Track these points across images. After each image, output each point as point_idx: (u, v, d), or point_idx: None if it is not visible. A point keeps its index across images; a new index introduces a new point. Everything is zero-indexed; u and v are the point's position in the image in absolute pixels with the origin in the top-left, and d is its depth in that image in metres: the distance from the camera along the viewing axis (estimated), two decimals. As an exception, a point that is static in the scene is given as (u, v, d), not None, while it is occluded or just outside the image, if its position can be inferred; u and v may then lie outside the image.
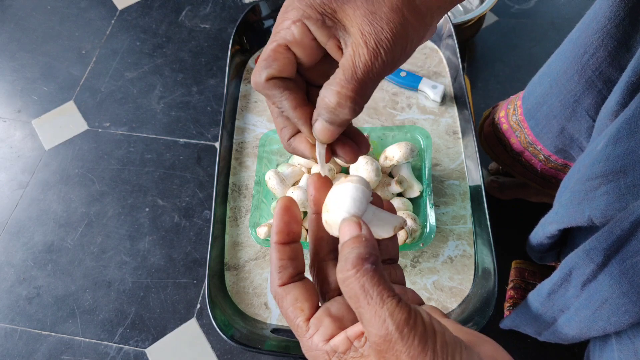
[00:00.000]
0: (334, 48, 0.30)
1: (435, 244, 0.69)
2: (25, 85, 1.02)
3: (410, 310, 0.24)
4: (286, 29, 0.30)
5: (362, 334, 0.28)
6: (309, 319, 0.30)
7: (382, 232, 0.32)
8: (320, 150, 0.33)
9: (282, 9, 0.30)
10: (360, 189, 0.30)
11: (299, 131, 0.33)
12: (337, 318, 0.30)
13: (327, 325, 0.29)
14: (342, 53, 0.30)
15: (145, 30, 1.07)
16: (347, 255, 0.26)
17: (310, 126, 0.31)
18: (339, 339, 0.28)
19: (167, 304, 0.76)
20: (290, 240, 0.31)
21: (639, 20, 0.45)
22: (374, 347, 0.26)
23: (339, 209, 0.30)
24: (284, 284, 0.31)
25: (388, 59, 0.29)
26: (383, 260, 0.34)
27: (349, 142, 0.33)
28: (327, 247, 0.34)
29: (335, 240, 0.34)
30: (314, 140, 0.32)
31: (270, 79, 0.30)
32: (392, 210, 0.35)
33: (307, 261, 0.34)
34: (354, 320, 0.30)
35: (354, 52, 0.28)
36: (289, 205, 0.31)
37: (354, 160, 0.33)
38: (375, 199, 0.33)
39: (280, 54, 0.30)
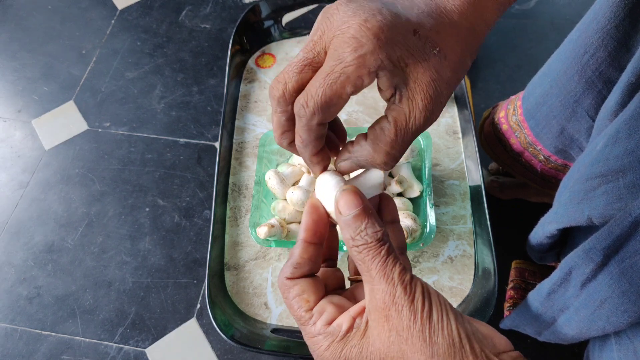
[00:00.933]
0: (387, 96, 0.29)
1: (435, 244, 0.69)
2: (26, 85, 1.02)
3: (413, 276, 0.28)
4: (359, 77, 0.27)
5: (363, 310, 0.29)
6: (312, 309, 0.30)
7: (377, 180, 0.33)
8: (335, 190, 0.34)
9: (350, 42, 0.26)
10: (332, 173, 0.33)
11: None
12: (339, 305, 0.30)
13: (330, 311, 0.30)
14: (389, 99, 0.29)
15: (145, 30, 1.07)
16: (365, 227, 0.28)
17: (322, 168, 0.32)
18: (343, 319, 0.29)
19: (167, 304, 0.76)
20: (316, 240, 0.32)
21: (639, 21, 0.45)
22: (377, 307, 0.27)
23: (328, 195, 0.32)
24: (293, 278, 0.31)
25: (435, 120, 0.30)
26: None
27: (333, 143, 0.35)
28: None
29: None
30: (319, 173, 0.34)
31: (320, 124, 0.29)
32: (389, 201, 0.36)
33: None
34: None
35: (409, 112, 0.28)
36: (318, 204, 0.32)
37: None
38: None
39: (342, 100, 0.28)
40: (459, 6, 0.29)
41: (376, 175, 0.33)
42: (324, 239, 0.33)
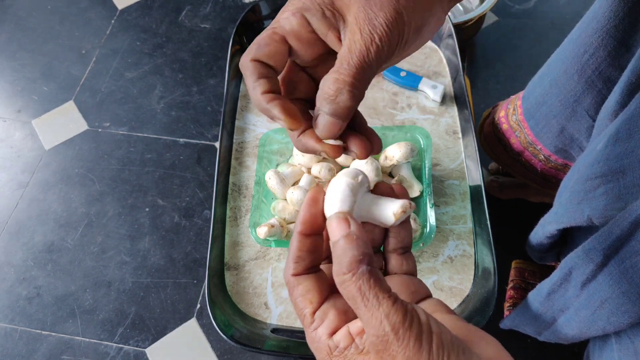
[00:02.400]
0: (334, 40, 0.30)
1: (435, 244, 0.69)
2: (26, 85, 1.02)
3: (407, 311, 0.24)
4: (284, 19, 0.30)
5: (364, 331, 0.28)
6: (315, 311, 0.30)
7: (383, 220, 0.31)
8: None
9: (285, 5, 0.31)
10: (346, 182, 0.30)
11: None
12: (342, 311, 0.30)
13: (332, 318, 0.29)
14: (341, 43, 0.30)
15: (145, 30, 1.07)
16: (341, 257, 0.26)
17: (282, 108, 0.30)
18: (341, 335, 0.28)
19: (167, 304, 0.76)
20: (313, 232, 0.31)
21: (639, 20, 0.45)
22: (372, 347, 0.26)
23: (330, 207, 0.30)
24: (297, 274, 0.31)
25: (384, 44, 0.29)
26: (397, 250, 0.34)
27: (360, 136, 0.33)
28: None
29: None
30: (294, 127, 0.31)
31: (255, 60, 0.30)
32: (402, 193, 0.34)
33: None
34: None
35: (349, 39, 0.29)
36: (318, 196, 0.31)
37: (365, 155, 0.33)
38: (382, 187, 0.33)
39: (273, 41, 0.30)
40: None
41: (387, 215, 0.31)
42: (322, 230, 0.32)
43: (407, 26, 0.29)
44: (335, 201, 0.30)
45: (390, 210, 0.31)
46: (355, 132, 0.33)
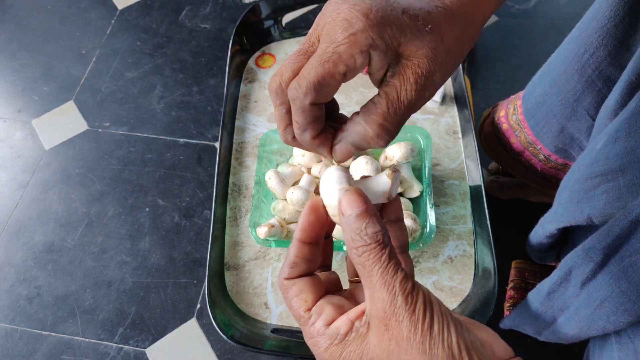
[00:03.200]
0: (379, 77, 0.29)
1: (435, 244, 0.69)
2: (26, 85, 1.02)
3: (415, 284, 0.27)
4: (351, 55, 0.27)
5: (363, 313, 0.29)
6: (310, 309, 0.30)
7: (381, 187, 0.32)
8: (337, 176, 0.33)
9: (341, 23, 0.27)
10: (338, 168, 0.32)
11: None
12: (338, 306, 0.30)
13: (328, 312, 0.30)
14: (382, 80, 0.29)
15: (145, 30, 1.07)
16: (364, 228, 0.27)
17: (327, 149, 0.31)
18: (341, 321, 0.29)
19: (167, 304, 0.76)
20: (311, 240, 0.31)
21: (639, 20, 0.45)
22: (377, 315, 0.27)
23: (328, 192, 0.31)
24: (290, 278, 0.31)
25: (428, 99, 0.29)
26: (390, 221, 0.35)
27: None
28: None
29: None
30: (328, 159, 0.33)
31: (313, 104, 0.29)
32: (395, 199, 0.34)
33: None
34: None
35: (401, 86, 0.28)
36: (318, 205, 0.32)
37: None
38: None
39: (335, 80, 0.28)
40: None
41: (383, 182, 0.32)
42: (320, 240, 0.32)
43: (447, 77, 0.30)
44: (333, 184, 0.31)
45: (382, 177, 0.32)
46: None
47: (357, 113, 0.30)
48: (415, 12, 0.28)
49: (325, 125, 0.31)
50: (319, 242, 0.32)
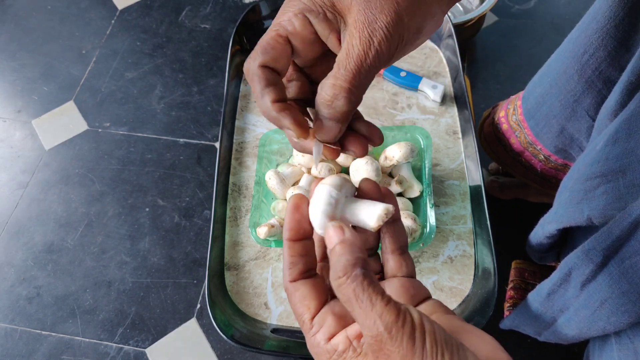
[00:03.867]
0: (335, 43, 0.30)
1: (435, 244, 0.69)
2: (26, 85, 1.02)
3: (399, 311, 0.25)
4: (287, 20, 0.30)
5: (361, 335, 0.29)
6: (313, 317, 0.30)
7: (366, 225, 0.32)
8: (316, 151, 0.32)
9: (283, 4, 0.30)
10: (328, 191, 0.31)
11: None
12: (340, 316, 0.30)
13: (330, 323, 0.30)
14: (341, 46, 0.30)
15: (145, 30, 1.07)
16: (336, 263, 0.27)
17: (290, 117, 0.30)
18: (339, 339, 0.29)
19: (167, 304, 0.76)
20: (300, 237, 0.32)
21: (639, 20, 0.45)
22: (369, 347, 0.26)
23: (314, 216, 0.31)
24: (294, 280, 0.31)
25: (383, 48, 0.28)
26: (393, 250, 0.34)
27: (356, 135, 0.33)
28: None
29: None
30: (302, 136, 0.31)
31: (263, 66, 0.30)
32: (389, 196, 0.34)
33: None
34: None
35: (348, 43, 0.29)
36: (300, 203, 0.32)
37: (363, 153, 0.33)
38: (368, 186, 0.33)
39: (278, 43, 0.30)
40: None
41: (372, 216, 0.31)
42: (310, 234, 0.32)
43: (407, 29, 0.29)
44: (317, 212, 0.31)
45: (370, 215, 0.31)
46: (353, 132, 0.33)
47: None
48: None
49: (287, 98, 0.31)
50: (310, 237, 0.32)
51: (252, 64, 0.30)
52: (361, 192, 0.33)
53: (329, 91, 0.29)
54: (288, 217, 0.32)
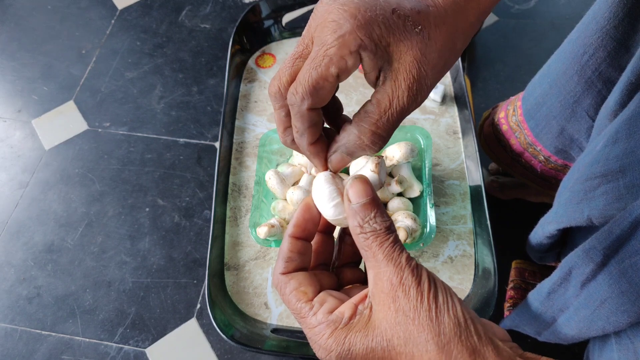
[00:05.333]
0: (373, 79, 0.29)
1: (435, 244, 0.69)
2: (25, 85, 1.02)
3: (418, 263, 0.29)
4: (341, 57, 0.27)
5: (366, 296, 0.29)
6: (312, 299, 0.30)
7: (368, 169, 0.33)
8: (325, 181, 0.34)
9: (330, 25, 0.27)
10: (325, 175, 0.33)
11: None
12: (339, 298, 0.31)
13: (331, 301, 0.30)
14: (376, 82, 0.29)
15: (145, 30, 1.07)
16: (374, 217, 0.29)
17: (322, 159, 0.32)
18: (345, 306, 0.29)
19: (167, 304, 0.76)
20: (303, 236, 0.32)
21: (638, 21, 0.45)
22: (383, 291, 0.28)
23: (321, 196, 0.32)
24: (287, 273, 0.31)
25: (421, 102, 0.29)
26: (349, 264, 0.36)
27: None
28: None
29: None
30: (323, 168, 0.33)
31: (310, 109, 0.29)
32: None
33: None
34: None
35: (393, 93, 0.28)
36: (312, 205, 0.33)
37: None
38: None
39: (329, 83, 0.28)
40: None
41: (369, 176, 0.33)
42: (312, 237, 0.33)
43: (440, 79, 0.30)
44: (324, 193, 0.32)
45: (367, 172, 0.33)
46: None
47: (349, 122, 0.31)
48: (405, 12, 0.28)
49: (321, 134, 0.32)
50: (310, 240, 0.33)
51: (301, 106, 0.29)
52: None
53: (369, 138, 0.29)
54: (298, 215, 0.32)
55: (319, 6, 0.29)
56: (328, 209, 0.32)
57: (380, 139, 0.29)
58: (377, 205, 0.29)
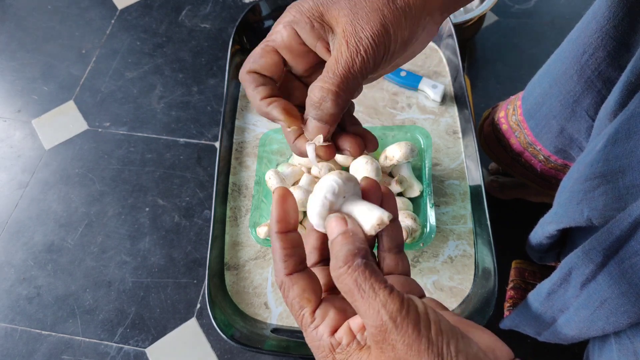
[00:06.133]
0: (323, 51, 0.32)
1: (436, 244, 0.69)
2: (25, 84, 1.02)
3: (403, 300, 0.25)
4: (276, 32, 0.32)
5: (364, 327, 0.28)
6: (314, 311, 0.30)
7: (365, 227, 0.31)
8: (310, 150, 0.34)
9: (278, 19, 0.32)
10: (332, 180, 0.31)
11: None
12: (341, 309, 0.30)
13: (332, 316, 0.30)
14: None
15: (145, 30, 1.07)
16: (338, 252, 0.27)
17: (279, 110, 0.33)
18: (343, 331, 0.29)
19: (167, 304, 0.76)
20: (290, 228, 0.32)
21: (638, 21, 0.45)
22: (372, 338, 0.26)
23: (313, 206, 0.31)
24: (290, 273, 0.31)
25: (369, 56, 0.30)
26: (390, 249, 0.34)
27: (353, 136, 0.35)
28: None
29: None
30: (297, 131, 0.34)
31: (251, 72, 0.33)
32: (389, 197, 0.34)
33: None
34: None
35: (337, 50, 0.31)
36: (286, 194, 0.32)
37: (358, 153, 0.35)
38: (369, 185, 0.34)
39: (266, 52, 0.33)
40: None
41: (370, 217, 0.31)
42: (296, 225, 0.32)
43: (394, 40, 0.31)
44: (318, 202, 0.31)
45: (366, 221, 0.31)
46: (348, 132, 0.35)
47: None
48: None
49: (278, 95, 0.34)
50: (296, 228, 0.32)
51: (242, 71, 0.33)
52: (362, 190, 0.33)
53: (318, 93, 0.31)
54: (276, 209, 0.31)
55: None
56: (313, 217, 0.31)
57: (328, 92, 0.31)
58: (347, 237, 0.28)
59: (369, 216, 0.31)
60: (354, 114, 0.37)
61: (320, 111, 0.31)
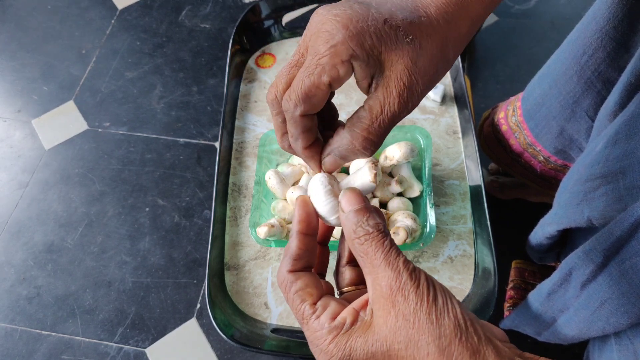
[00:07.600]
0: (365, 86, 0.30)
1: (435, 244, 0.69)
2: (25, 85, 1.02)
3: (415, 266, 0.29)
4: (333, 66, 0.28)
5: (367, 302, 0.29)
6: (315, 302, 0.31)
7: (367, 178, 0.34)
8: (318, 181, 0.35)
9: (323, 35, 0.28)
10: (321, 177, 0.34)
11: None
12: (341, 302, 0.31)
13: (334, 305, 0.30)
14: (368, 90, 0.30)
15: (145, 30, 1.07)
16: (366, 221, 0.29)
17: (317, 162, 0.33)
18: (347, 312, 0.30)
19: (167, 304, 0.76)
20: (310, 232, 0.33)
21: (638, 21, 0.45)
22: (382, 295, 0.28)
23: (317, 197, 0.33)
24: (296, 271, 0.31)
25: (412, 109, 0.30)
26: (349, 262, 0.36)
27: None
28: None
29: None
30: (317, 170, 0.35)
31: (304, 115, 0.30)
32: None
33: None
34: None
35: (384, 99, 0.29)
36: (308, 199, 0.34)
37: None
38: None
39: (321, 91, 0.29)
40: (437, 1, 0.30)
41: (364, 176, 0.33)
42: (317, 232, 0.34)
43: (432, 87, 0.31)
44: (320, 194, 0.33)
45: (363, 173, 0.34)
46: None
47: (342, 126, 0.32)
48: (397, 22, 0.29)
49: (317, 137, 0.33)
50: (315, 235, 0.34)
51: (294, 112, 0.30)
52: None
53: (359, 143, 0.30)
54: (299, 211, 0.33)
55: (314, 17, 0.30)
56: (323, 207, 0.33)
57: (371, 144, 0.30)
58: (369, 211, 0.30)
59: (363, 170, 0.34)
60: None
61: (353, 155, 0.31)
